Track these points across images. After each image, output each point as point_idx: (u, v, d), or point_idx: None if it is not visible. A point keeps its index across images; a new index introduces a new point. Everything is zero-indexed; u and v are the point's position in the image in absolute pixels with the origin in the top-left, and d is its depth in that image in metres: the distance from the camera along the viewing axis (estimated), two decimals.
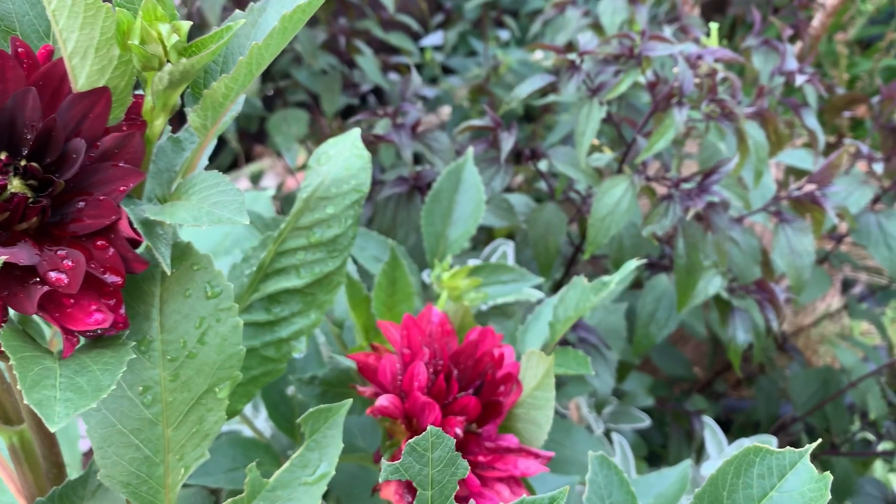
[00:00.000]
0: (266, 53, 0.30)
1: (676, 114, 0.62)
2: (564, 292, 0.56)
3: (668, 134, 0.62)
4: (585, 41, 0.68)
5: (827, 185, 0.72)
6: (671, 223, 0.59)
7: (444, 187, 0.65)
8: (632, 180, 0.65)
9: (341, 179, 0.41)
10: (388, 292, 0.55)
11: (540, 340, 0.58)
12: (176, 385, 0.34)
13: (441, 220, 0.65)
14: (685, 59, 0.73)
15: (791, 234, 0.72)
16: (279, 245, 0.41)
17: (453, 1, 1.84)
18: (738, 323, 0.65)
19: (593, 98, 0.67)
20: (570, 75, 0.66)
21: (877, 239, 0.97)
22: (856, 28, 2.20)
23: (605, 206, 0.65)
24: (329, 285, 0.42)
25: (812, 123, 0.90)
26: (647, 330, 0.70)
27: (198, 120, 0.32)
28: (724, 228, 0.60)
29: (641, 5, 0.99)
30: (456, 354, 0.47)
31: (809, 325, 1.37)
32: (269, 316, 0.41)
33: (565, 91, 0.65)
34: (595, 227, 0.65)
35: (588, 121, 0.66)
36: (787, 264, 0.71)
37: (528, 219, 0.74)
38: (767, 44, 1.01)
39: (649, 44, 0.65)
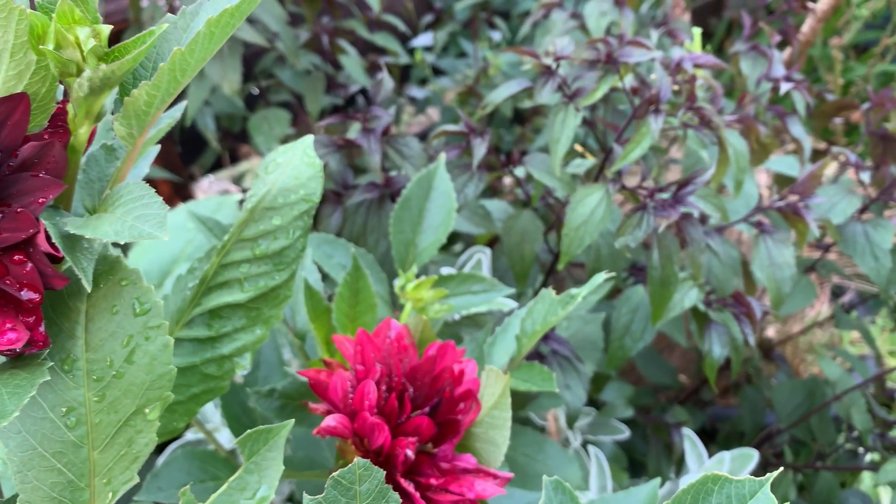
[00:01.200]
0: (191, 59, 0.29)
1: (652, 122, 0.60)
2: (532, 305, 0.54)
3: (644, 142, 0.61)
4: (563, 46, 0.66)
5: (809, 195, 0.70)
6: (644, 235, 0.58)
7: (415, 194, 0.63)
8: (607, 189, 0.63)
9: (289, 189, 0.40)
10: (350, 303, 0.54)
11: (508, 354, 0.56)
12: (102, 406, 0.33)
13: (411, 228, 0.63)
14: (664, 65, 0.72)
15: (772, 246, 0.70)
16: (222, 257, 0.39)
17: (443, 1, 1.82)
18: (715, 337, 0.64)
19: (569, 104, 0.65)
20: (544, 81, 0.64)
21: (863, 249, 0.96)
22: (851, 33, 2.18)
23: (579, 215, 0.63)
24: (275, 300, 0.40)
25: (797, 131, 0.88)
26: (621, 342, 0.68)
27: (122, 129, 0.30)
28: (699, 241, 0.58)
29: (628, 8, 0.97)
30: (413, 371, 0.45)
31: (798, 333, 1.36)
32: (211, 332, 0.39)
33: (539, 97, 0.63)
34: (569, 237, 0.63)
35: (563, 128, 0.64)
36: (767, 277, 0.69)
37: (504, 227, 0.72)
38: (755, 49, 1.00)
39: (626, 49, 0.63)
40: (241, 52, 0.93)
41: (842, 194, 0.96)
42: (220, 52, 0.91)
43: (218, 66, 0.92)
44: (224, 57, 0.92)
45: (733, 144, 0.67)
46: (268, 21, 0.94)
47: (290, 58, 0.99)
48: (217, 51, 0.85)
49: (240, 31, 0.90)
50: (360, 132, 0.66)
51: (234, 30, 0.30)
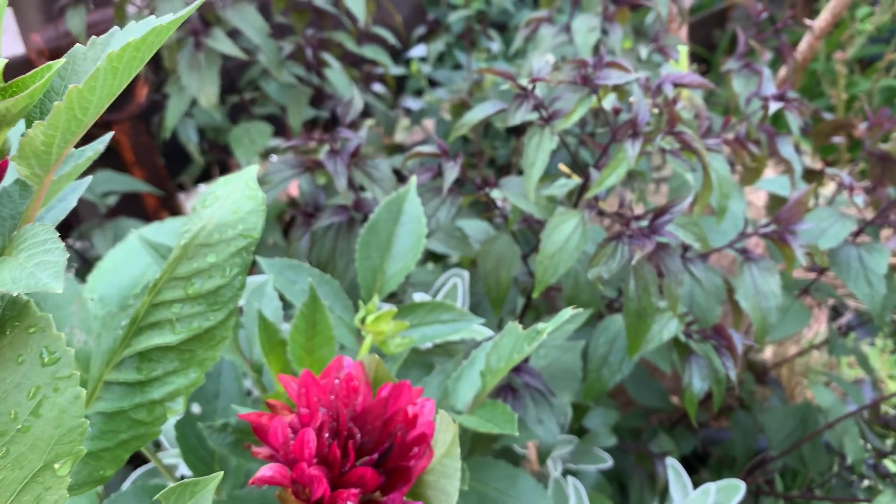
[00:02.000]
0: (92, 97, 0.26)
1: (629, 147, 0.58)
2: (498, 339, 0.52)
3: (621, 168, 0.58)
4: (539, 67, 0.64)
5: (795, 222, 0.67)
6: (618, 266, 0.55)
7: (383, 219, 0.61)
8: (582, 216, 0.61)
9: (226, 224, 0.37)
10: (307, 335, 0.51)
11: (473, 389, 0.54)
12: (6, 462, 0.30)
13: (378, 254, 0.61)
14: (644, 87, 0.70)
15: (757, 274, 0.67)
16: (154, 296, 0.37)
17: (438, 13, 1.80)
18: (695, 370, 0.61)
19: (545, 127, 0.62)
20: (519, 103, 0.62)
21: (857, 273, 0.93)
22: (854, 47, 2.16)
23: (553, 242, 0.61)
24: (211, 341, 0.38)
25: (787, 152, 0.85)
26: (599, 374, 0.65)
27: (24, 169, 0.28)
28: (675, 272, 0.56)
29: (616, 24, 0.95)
30: (363, 413, 0.43)
31: (794, 356, 1.33)
32: (140, 375, 0.37)
33: (513, 119, 0.61)
34: (544, 264, 0.61)
35: (538, 151, 0.61)
36: (752, 306, 0.66)
37: (480, 251, 0.70)
38: (748, 67, 0.97)
39: (604, 71, 0.61)
40: (219, 65, 0.91)
41: (835, 217, 0.94)
42: (198, 64, 0.89)
43: (195, 78, 0.90)
44: (201, 69, 0.90)
45: (717, 169, 0.65)
46: (249, 33, 0.92)
47: (273, 70, 0.97)
48: (193, 63, 0.83)
49: (217, 43, 0.89)
50: (327, 154, 0.63)
51: (143, 63, 0.28)
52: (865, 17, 2.12)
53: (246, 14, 0.92)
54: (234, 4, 0.93)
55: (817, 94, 2.42)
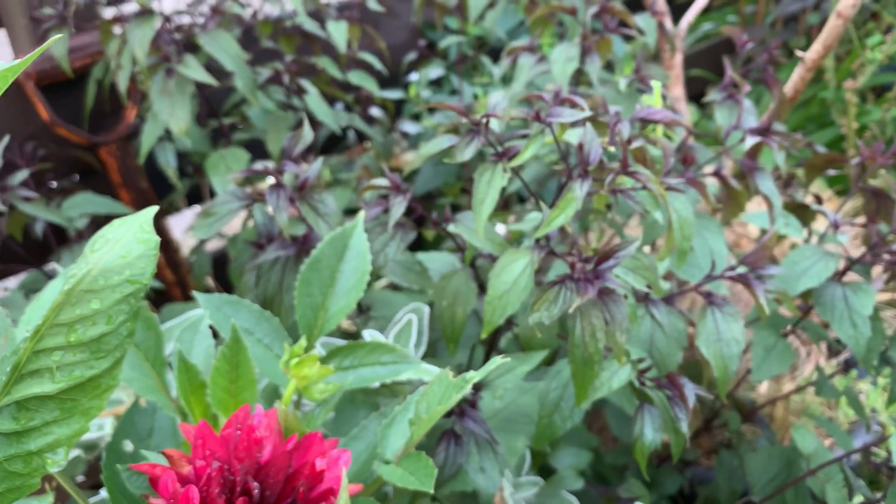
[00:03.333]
0: None
1: (576, 188, 0.56)
2: (428, 387, 0.50)
3: (569, 209, 0.56)
4: (495, 102, 0.63)
5: (761, 265, 0.65)
6: (560, 311, 0.53)
7: (326, 255, 0.59)
8: (531, 255, 0.59)
9: (112, 269, 0.36)
10: (229, 378, 0.50)
11: (404, 438, 0.52)
12: None
13: (321, 291, 0.59)
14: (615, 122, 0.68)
15: (720, 319, 0.65)
16: (36, 343, 0.35)
17: (435, 37, 1.80)
18: (648, 420, 0.58)
19: (498, 164, 0.61)
20: (469, 139, 0.60)
21: (841, 314, 0.90)
22: (865, 76, 2.12)
23: (502, 282, 0.59)
24: (95, 390, 0.36)
25: (767, 188, 0.83)
26: (550, 419, 0.63)
27: None
28: (620, 320, 0.53)
29: (595, 54, 0.93)
30: (266, 467, 0.41)
31: (787, 395, 1.28)
32: (17, 425, 0.35)
33: (461, 156, 0.59)
34: (492, 305, 0.59)
35: (489, 188, 0.60)
36: (713, 353, 0.64)
37: (435, 288, 0.68)
38: (732, 98, 0.95)
39: (556, 108, 0.59)
40: (192, 91, 0.91)
41: (818, 256, 0.91)
42: (169, 90, 0.89)
43: (167, 104, 0.89)
44: (173, 95, 0.89)
45: (678, 210, 0.62)
46: (223, 60, 0.91)
47: (249, 97, 0.96)
48: (165, 89, 0.82)
49: (189, 70, 0.88)
50: (269, 188, 0.62)
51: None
52: (876, 46, 2.09)
53: (221, 40, 0.92)
54: (209, 31, 0.92)
55: (828, 124, 2.38)
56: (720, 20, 3.30)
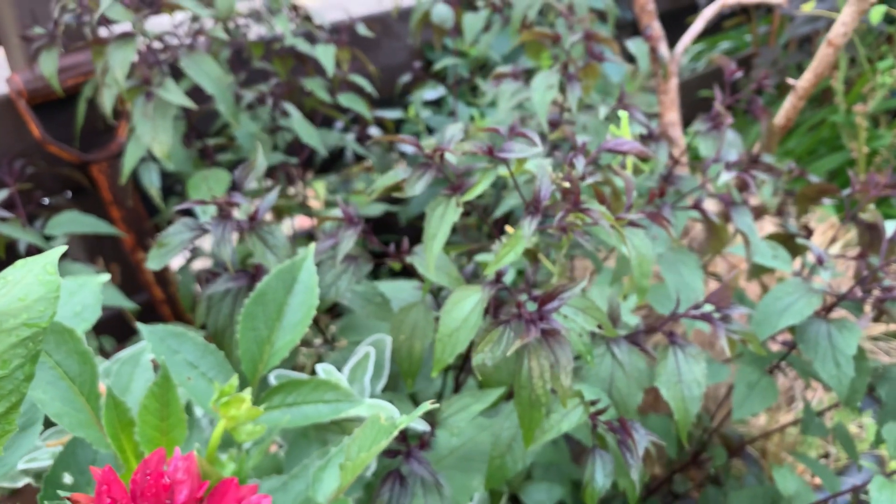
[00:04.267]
0: None
1: (525, 225, 0.54)
2: (360, 430, 0.48)
3: (518, 246, 0.55)
4: (451, 135, 0.61)
5: (725, 306, 0.63)
6: (503, 353, 0.51)
7: (272, 288, 0.58)
8: (482, 292, 0.57)
9: (9, 313, 0.35)
10: (160, 416, 0.49)
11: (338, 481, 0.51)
12: None
13: (266, 325, 0.58)
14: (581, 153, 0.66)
15: (682, 360, 0.63)
16: None
17: (437, 57, 1.80)
18: (599, 465, 0.56)
19: (451, 198, 0.60)
20: (421, 173, 0.59)
21: (825, 352, 0.87)
22: (876, 100, 2.09)
23: (453, 319, 0.57)
24: None
25: (743, 224, 0.81)
26: (503, 460, 0.61)
27: None
28: (564, 363, 0.52)
29: (576, 82, 0.92)
30: None
31: (785, 426, 1.25)
32: None
33: (412, 190, 0.58)
34: (442, 342, 0.57)
35: (441, 223, 0.58)
36: (672, 396, 0.62)
37: (393, 321, 0.67)
38: (717, 129, 0.93)
39: (509, 143, 0.58)
40: (173, 114, 0.91)
41: (801, 291, 0.88)
42: (149, 114, 0.89)
43: (148, 127, 0.89)
44: (154, 119, 0.89)
45: (637, 246, 0.61)
46: (203, 83, 0.91)
47: (231, 119, 0.96)
48: (146, 112, 0.82)
49: (168, 93, 0.88)
50: (213, 219, 0.61)
51: None
52: (887, 70, 2.05)
53: (202, 63, 0.92)
54: (190, 54, 0.92)
55: (839, 147, 2.35)
56: (737, 39, 3.28)
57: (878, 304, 0.89)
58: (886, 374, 0.95)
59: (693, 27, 1.29)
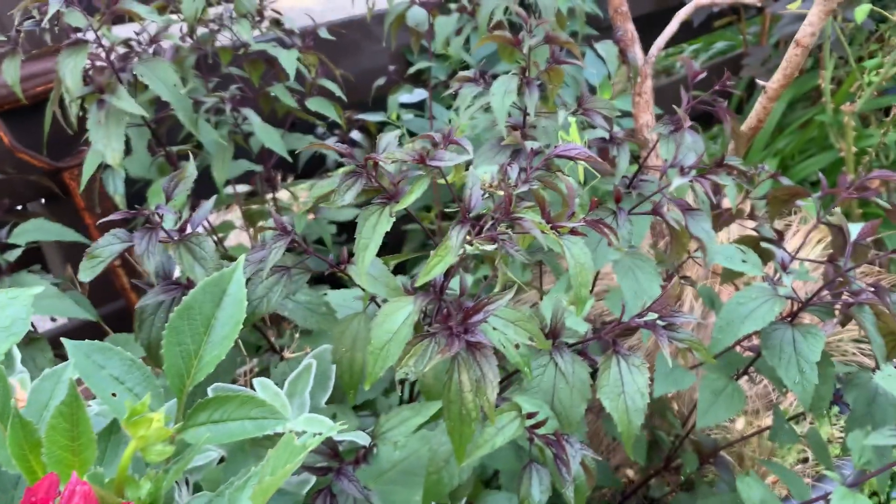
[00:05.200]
0: None
1: (454, 235, 0.53)
2: (273, 451, 0.47)
3: (448, 257, 0.53)
4: (386, 143, 0.60)
5: (667, 314, 0.61)
6: (426, 367, 0.50)
7: (199, 301, 0.57)
8: (416, 303, 0.56)
9: None
10: (70, 436, 0.47)
11: None
12: None
13: (193, 339, 0.57)
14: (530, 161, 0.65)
15: (625, 370, 0.61)
16: None
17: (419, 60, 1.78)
18: (535, 480, 0.55)
19: (385, 207, 0.58)
20: (352, 182, 0.58)
21: (789, 359, 0.86)
22: (863, 99, 2.07)
23: (385, 331, 0.56)
24: None
25: (700, 229, 0.79)
26: (439, 475, 0.60)
27: None
28: (491, 377, 0.50)
29: (535, 86, 0.91)
30: None
31: (764, 430, 1.23)
32: None
33: (341, 200, 0.57)
34: (374, 355, 0.56)
35: (373, 233, 0.57)
36: (615, 407, 0.60)
37: (334, 332, 0.66)
38: (679, 131, 0.91)
39: (441, 152, 0.56)
40: (126, 122, 0.90)
41: (765, 297, 0.87)
42: (101, 122, 0.88)
43: (102, 135, 0.88)
44: (108, 127, 0.88)
45: (575, 255, 0.59)
46: (158, 90, 0.90)
47: (189, 126, 0.95)
48: (99, 120, 0.81)
49: (120, 102, 0.87)
50: (138, 231, 0.60)
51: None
52: (873, 69, 2.03)
53: (157, 70, 0.91)
54: (145, 61, 0.92)
55: (828, 147, 2.32)
56: (733, 39, 3.26)
57: (844, 310, 0.87)
58: (855, 380, 0.94)
59: (667, 29, 1.28)
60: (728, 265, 0.96)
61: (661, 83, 2.68)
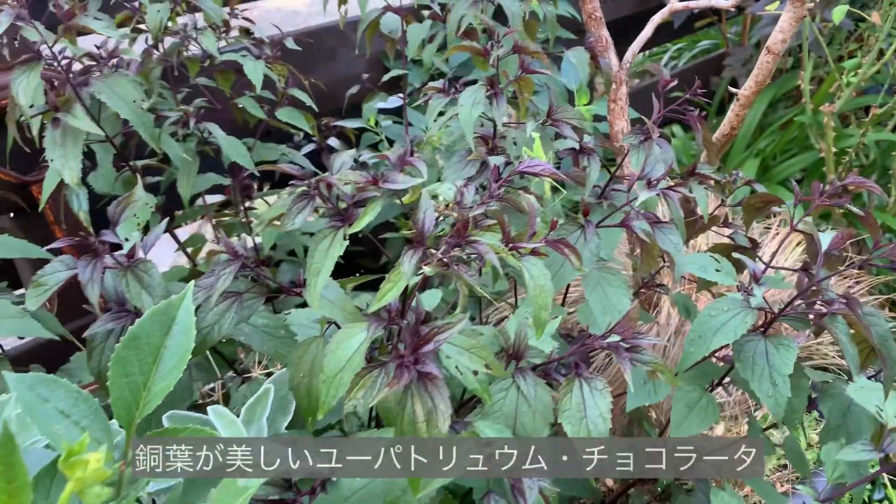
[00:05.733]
0: None
1: (406, 261, 0.52)
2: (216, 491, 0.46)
3: (401, 283, 0.52)
4: (341, 163, 0.59)
5: (629, 336, 0.60)
6: (376, 398, 0.49)
7: (148, 330, 0.55)
8: (369, 330, 0.54)
9: None
10: (6, 478, 0.46)
11: None
12: None
13: (141, 370, 0.55)
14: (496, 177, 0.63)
15: (587, 395, 0.60)
16: None
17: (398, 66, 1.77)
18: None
19: (338, 230, 0.57)
20: (302, 205, 0.56)
21: (761, 371, 0.84)
22: (843, 99, 2.06)
23: (338, 359, 0.55)
24: None
25: (668, 244, 0.78)
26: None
27: None
28: (444, 409, 0.49)
29: (503, 97, 0.89)
30: None
31: (746, 438, 1.22)
32: None
33: (290, 224, 0.55)
34: (326, 384, 0.55)
35: (326, 257, 0.56)
36: (576, 432, 0.59)
37: (291, 358, 0.64)
38: (648, 140, 0.90)
39: (393, 174, 0.55)
40: (83, 140, 0.88)
41: (736, 308, 0.85)
42: (58, 141, 0.86)
43: (59, 154, 0.86)
44: (65, 146, 0.86)
45: (535, 277, 0.58)
46: (117, 107, 0.88)
47: (152, 143, 0.93)
48: (56, 139, 0.79)
49: (76, 121, 0.85)
50: (82, 260, 0.59)
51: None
52: (852, 69, 2.03)
53: (116, 86, 0.89)
54: (104, 77, 0.90)
55: (810, 147, 2.32)
56: (717, 38, 3.25)
57: (816, 321, 0.86)
58: (830, 390, 0.93)
59: (641, 34, 1.27)
60: (701, 275, 0.95)
61: (644, 84, 2.67)
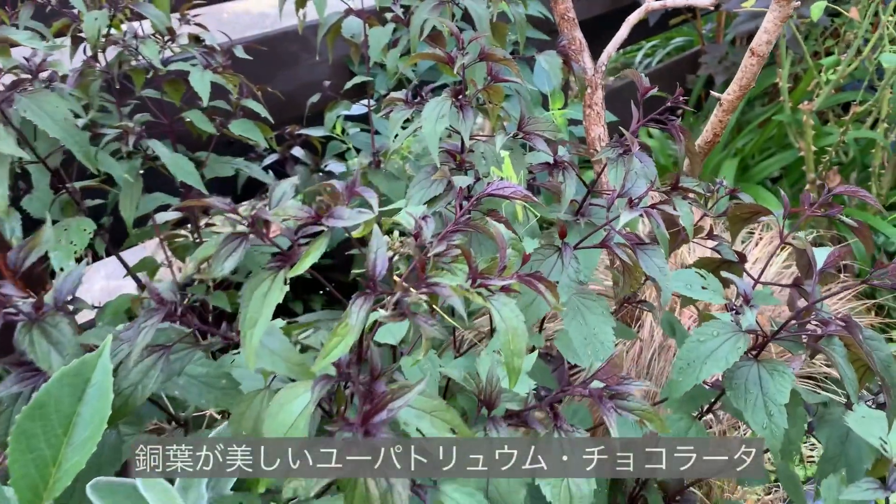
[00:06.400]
0: None
1: (354, 312, 0.44)
2: None
3: (349, 337, 0.45)
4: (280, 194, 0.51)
5: (613, 383, 0.53)
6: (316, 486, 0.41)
7: (57, 395, 0.47)
8: (312, 392, 0.47)
9: None
10: None
11: None
12: None
13: (50, 443, 0.47)
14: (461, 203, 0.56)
15: (567, 448, 0.53)
16: None
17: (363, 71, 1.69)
18: None
19: (278, 273, 0.49)
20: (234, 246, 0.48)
21: (755, 400, 0.78)
22: (821, 97, 2.02)
23: (279, 424, 0.47)
24: None
25: (652, 267, 0.71)
26: None
27: None
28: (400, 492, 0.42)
29: (470, 109, 0.82)
30: None
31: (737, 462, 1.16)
32: None
33: (219, 269, 0.47)
34: None
35: (263, 305, 0.48)
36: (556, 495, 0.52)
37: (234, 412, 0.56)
38: (628, 154, 0.84)
39: (339, 209, 0.48)
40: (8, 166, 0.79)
41: (727, 333, 0.79)
42: None
43: None
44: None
45: (507, 318, 0.51)
46: (45, 126, 0.80)
47: (86, 163, 0.85)
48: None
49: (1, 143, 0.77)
50: None
51: None
52: (831, 67, 1.99)
53: (43, 103, 0.80)
54: (31, 92, 0.81)
55: (789, 145, 2.28)
56: (691, 34, 3.21)
57: (811, 343, 0.80)
58: (826, 416, 0.87)
59: (617, 36, 1.20)
60: (687, 293, 0.88)
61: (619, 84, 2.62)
